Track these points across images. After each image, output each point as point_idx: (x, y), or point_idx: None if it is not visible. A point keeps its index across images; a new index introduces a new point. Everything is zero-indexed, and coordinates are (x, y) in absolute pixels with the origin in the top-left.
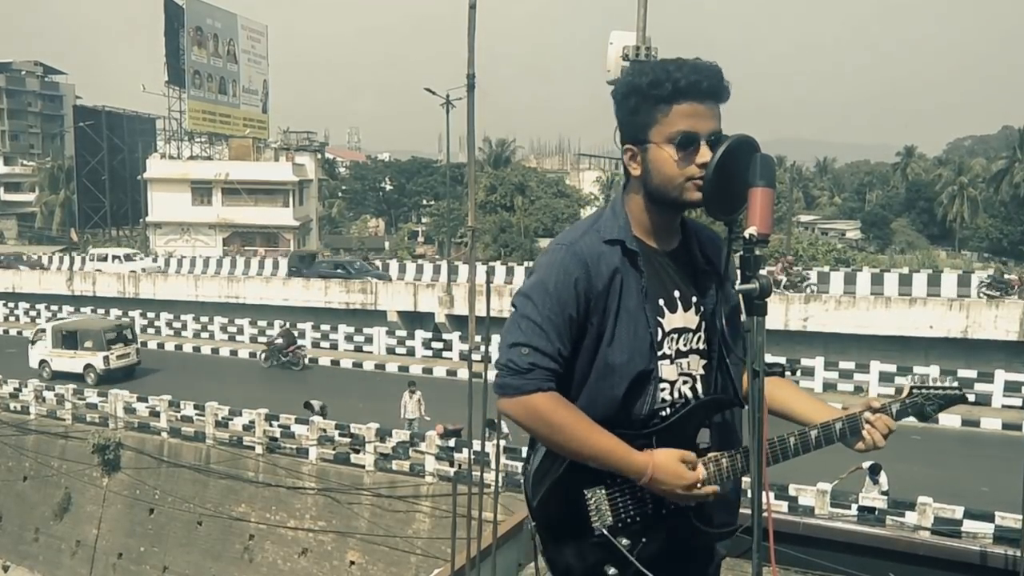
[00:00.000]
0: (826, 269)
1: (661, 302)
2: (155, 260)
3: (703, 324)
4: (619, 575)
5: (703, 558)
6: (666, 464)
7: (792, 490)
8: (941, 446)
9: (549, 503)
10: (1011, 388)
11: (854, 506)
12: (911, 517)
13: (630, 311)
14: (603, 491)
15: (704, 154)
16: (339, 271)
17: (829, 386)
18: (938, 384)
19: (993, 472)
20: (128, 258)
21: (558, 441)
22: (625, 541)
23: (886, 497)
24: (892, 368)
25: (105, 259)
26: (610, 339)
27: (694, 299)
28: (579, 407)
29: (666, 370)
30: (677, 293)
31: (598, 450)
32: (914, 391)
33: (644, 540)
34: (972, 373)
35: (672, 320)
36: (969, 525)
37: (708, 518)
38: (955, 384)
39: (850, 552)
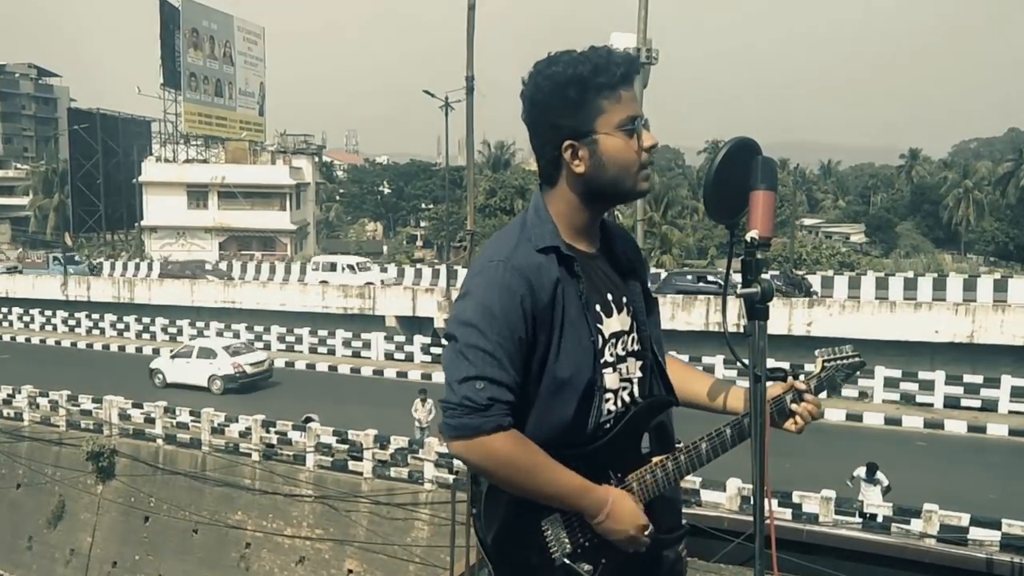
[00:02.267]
0: (830, 273)
1: (598, 307)
2: (384, 269)
3: (635, 324)
4: None
5: (652, 565)
6: (625, 501)
7: (796, 497)
8: (947, 452)
9: (505, 540)
10: (1017, 394)
11: (858, 514)
12: (917, 524)
13: (573, 321)
14: (559, 519)
15: (649, 138)
16: (705, 284)
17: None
18: (842, 354)
19: (1000, 479)
20: (361, 267)
21: (519, 484)
22: (587, 566)
23: (889, 492)
24: (897, 373)
25: (333, 268)
26: (556, 353)
27: (624, 299)
28: (529, 427)
29: (609, 379)
30: (610, 296)
31: (557, 489)
32: (826, 364)
33: (604, 560)
34: (978, 378)
35: (610, 324)
36: (975, 532)
37: (660, 523)
38: (855, 352)
39: (855, 560)
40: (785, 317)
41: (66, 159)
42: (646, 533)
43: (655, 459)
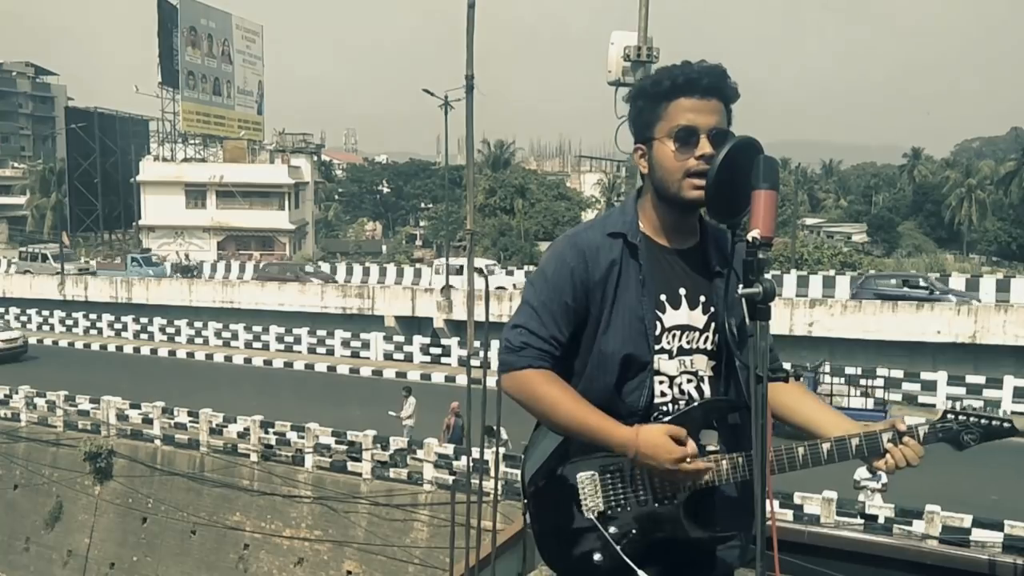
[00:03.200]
0: (832, 273)
1: (663, 297)
2: (510, 272)
3: (712, 325)
4: (604, 563)
5: (702, 562)
6: (653, 437)
7: (797, 498)
8: (949, 453)
9: (542, 484)
10: (1020, 394)
11: (860, 515)
12: (919, 526)
13: (627, 301)
14: (596, 476)
15: (704, 147)
16: (911, 290)
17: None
18: (981, 412)
19: (1002, 480)
20: (489, 271)
21: (546, 414)
22: (613, 529)
23: (884, 488)
24: (899, 374)
25: (460, 272)
26: (605, 327)
27: (702, 299)
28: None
29: (665, 364)
30: (683, 291)
31: (583, 422)
32: (948, 415)
33: (633, 531)
34: (980, 379)
35: (674, 316)
36: (978, 534)
37: (705, 520)
38: (1007, 417)
39: (856, 561)
40: (787, 317)
41: (63, 158)
42: (692, 464)
43: (714, 455)
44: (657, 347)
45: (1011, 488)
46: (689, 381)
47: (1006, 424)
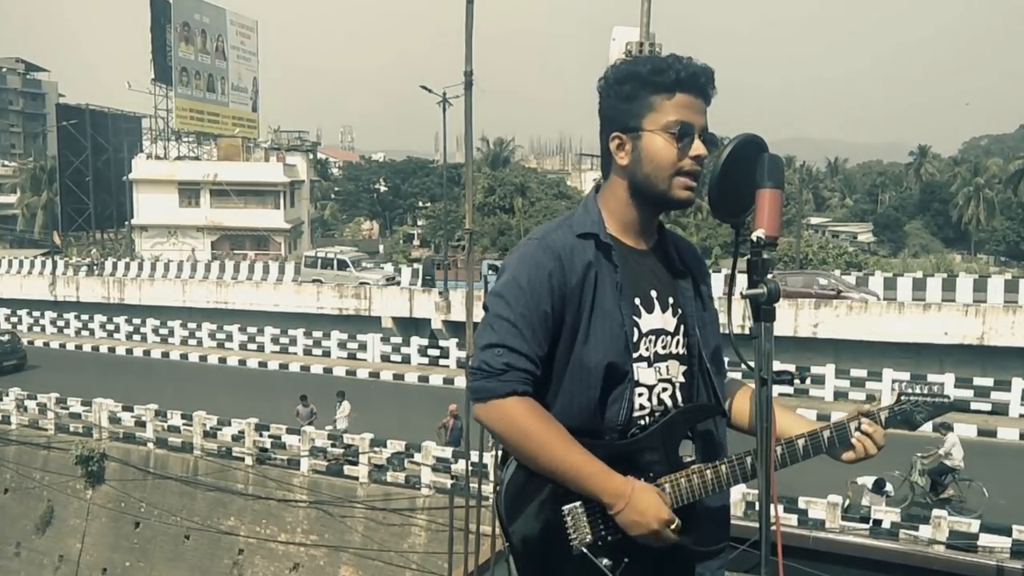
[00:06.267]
0: (837, 273)
1: (637, 301)
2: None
3: (681, 327)
4: None
5: None
6: (647, 497)
7: (802, 503)
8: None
9: (524, 520)
10: None
11: (862, 519)
12: (925, 531)
13: (605, 308)
14: (581, 507)
15: (697, 147)
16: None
17: (840, 394)
18: (927, 392)
19: (1010, 484)
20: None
21: (531, 453)
22: (606, 561)
23: (891, 502)
24: (905, 376)
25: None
26: (585, 337)
27: (671, 300)
28: (555, 411)
29: (643, 374)
30: (654, 293)
31: (572, 467)
32: (903, 398)
33: (627, 560)
34: (988, 381)
35: (649, 320)
36: (985, 539)
37: (697, 535)
38: (945, 393)
39: (862, 567)
40: (791, 318)
41: (54, 156)
42: (672, 528)
43: (695, 466)
44: (635, 355)
45: (1019, 492)
46: (664, 390)
47: (947, 399)
